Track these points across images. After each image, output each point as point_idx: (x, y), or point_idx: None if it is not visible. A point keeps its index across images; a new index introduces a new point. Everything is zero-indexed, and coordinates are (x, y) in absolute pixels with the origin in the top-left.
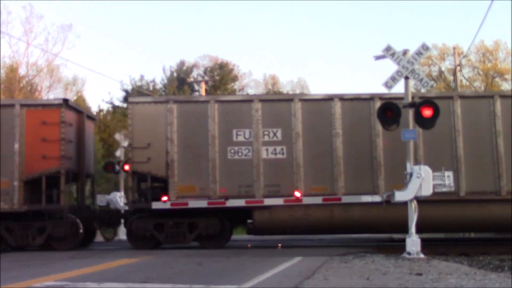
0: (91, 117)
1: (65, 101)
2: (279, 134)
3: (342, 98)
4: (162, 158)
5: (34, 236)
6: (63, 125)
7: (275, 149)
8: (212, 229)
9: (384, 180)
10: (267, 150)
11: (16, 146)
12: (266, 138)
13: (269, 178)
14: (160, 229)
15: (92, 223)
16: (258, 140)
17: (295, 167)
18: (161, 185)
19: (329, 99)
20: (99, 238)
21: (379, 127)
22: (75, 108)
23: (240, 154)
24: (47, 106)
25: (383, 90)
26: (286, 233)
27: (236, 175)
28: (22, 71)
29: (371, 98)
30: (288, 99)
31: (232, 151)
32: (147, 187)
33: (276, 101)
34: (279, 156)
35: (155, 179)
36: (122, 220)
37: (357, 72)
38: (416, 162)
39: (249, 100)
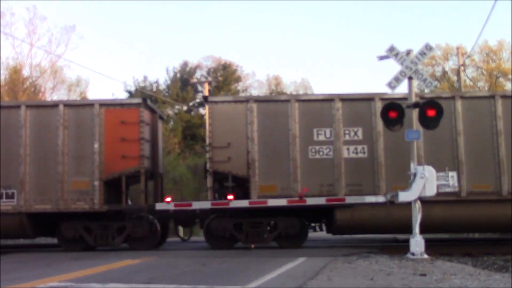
0: (161, 117)
1: (144, 100)
2: (360, 133)
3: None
4: (243, 157)
5: (113, 236)
6: (142, 124)
7: (356, 148)
8: (292, 229)
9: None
10: (348, 149)
11: (96, 145)
12: (347, 137)
13: (351, 177)
14: (239, 229)
15: (167, 223)
16: (339, 139)
17: (377, 166)
18: (232, 185)
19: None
20: (171, 237)
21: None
22: (151, 108)
23: (321, 153)
24: (126, 105)
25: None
26: (367, 232)
27: (317, 174)
28: (25, 72)
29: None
30: (369, 98)
31: (313, 150)
32: (227, 186)
33: (357, 100)
34: (360, 155)
35: (235, 178)
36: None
37: (361, 72)
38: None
39: (330, 100)
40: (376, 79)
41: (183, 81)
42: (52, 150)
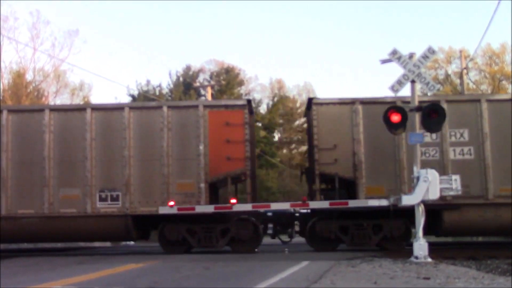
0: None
1: (248, 102)
2: (466, 134)
3: None
4: (349, 159)
5: (217, 239)
6: (246, 126)
7: (462, 150)
8: (396, 231)
9: None
10: (454, 150)
11: (201, 147)
12: (453, 138)
13: None
14: (344, 231)
15: (266, 225)
16: (445, 141)
17: (484, 168)
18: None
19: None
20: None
21: None
22: (251, 109)
23: (427, 155)
24: (231, 107)
25: None
26: (475, 234)
27: None
28: (29, 76)
29: None
30: (475, 100)
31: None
32: (334, 188)
33: (462, 102)
34: (467, 156)
35: (341, 180)
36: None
37: (363, 75)
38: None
39: (436, 101)
40: (379, 82)
41: (186, 85)
42: (157, 152)
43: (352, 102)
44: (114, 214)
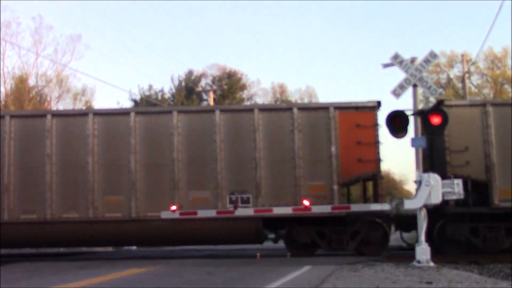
0: None
1: (379, 103)
2: None
3: None
4: (481, 161)
5: (348, 241)
6: (377, 127)
7: None
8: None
9: None
10: None
11: (333, 149)
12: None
13: None
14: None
15: (389, 227)
16: None
17: None
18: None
19: None
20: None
21: None
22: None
23: None
24: (361, 108)
25: None
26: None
27: None
28: (31, 81)
29: None
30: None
31: None
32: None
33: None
34: None
35: (474, 183)
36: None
37: (365, 79)
38: None
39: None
40: (380, 86)
41: (188, 90)
42: (287, 154)
43: (483, 104)
44: (248, 216)
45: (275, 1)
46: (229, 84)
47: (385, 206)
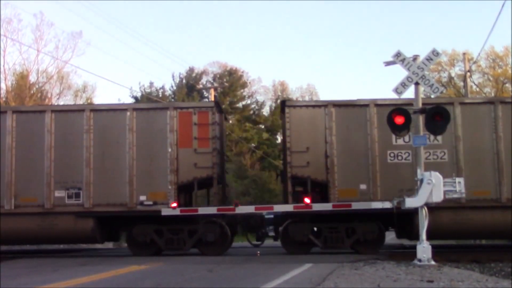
0: None
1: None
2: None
3: None
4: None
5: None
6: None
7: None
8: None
9: None
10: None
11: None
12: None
13: None
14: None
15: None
16: None
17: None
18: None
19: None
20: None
21: None
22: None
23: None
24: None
25: None
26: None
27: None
28: (32, 78)
29: None
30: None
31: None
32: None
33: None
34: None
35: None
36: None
37: (367, 77)
38: None
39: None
40: (382, 84)
41: (189, 87)
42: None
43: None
44: None
45: None
46: (230, 82)
47: (386, 204)
